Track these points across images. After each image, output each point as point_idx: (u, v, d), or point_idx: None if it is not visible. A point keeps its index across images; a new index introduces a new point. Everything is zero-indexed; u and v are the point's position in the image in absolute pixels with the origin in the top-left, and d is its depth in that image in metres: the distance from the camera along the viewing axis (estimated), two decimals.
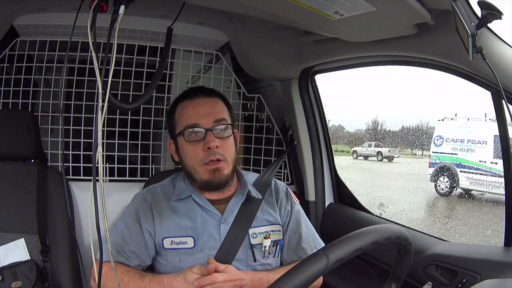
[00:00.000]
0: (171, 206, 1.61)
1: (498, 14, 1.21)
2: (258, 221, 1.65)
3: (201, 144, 1.54)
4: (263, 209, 1.69)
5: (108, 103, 1.00)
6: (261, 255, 1.63)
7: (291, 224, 1.72)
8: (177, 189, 1.66)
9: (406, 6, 1.30)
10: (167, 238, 1.57)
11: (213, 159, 1.54)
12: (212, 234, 1.58)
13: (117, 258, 1.54)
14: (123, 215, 1.65)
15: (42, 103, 2.24)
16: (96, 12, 1.03)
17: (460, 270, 1.54)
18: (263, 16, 1.66)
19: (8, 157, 1.92)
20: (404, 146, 9.17)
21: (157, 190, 1.67)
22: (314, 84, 2.35)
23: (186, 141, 1.57)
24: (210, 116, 1.57)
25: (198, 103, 1.60)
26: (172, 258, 1.57)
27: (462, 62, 1.49)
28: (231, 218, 1.62)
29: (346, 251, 0.96)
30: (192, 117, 1.57)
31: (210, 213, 1.61)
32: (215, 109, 1.60)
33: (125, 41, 2.24)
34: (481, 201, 6.23)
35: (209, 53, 2.44)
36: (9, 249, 1.77)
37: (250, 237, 1.62)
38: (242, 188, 1.66)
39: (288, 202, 1.75)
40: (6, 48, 2.12)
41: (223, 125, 1.58)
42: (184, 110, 1.61)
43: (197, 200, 1.61)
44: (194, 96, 1.62)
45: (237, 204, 1.64)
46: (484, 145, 6.27)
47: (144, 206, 1.61)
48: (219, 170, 1.55)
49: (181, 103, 1.64)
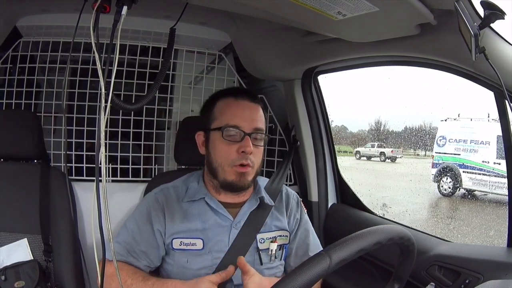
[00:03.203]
0: (183, 208, 1.60)
1: (501, 14, 1.20)
2: (267, 227, 1.66)
3: (236, 146, 1.53)
4: (272, 215, 1.69)
5: (111, 103, 1.00)
6: (268, 259, 1.63)
7: (299, 233, 1.73)
8: (190, 190, 1.65)
9: (409, 6, 1.30)
10: (177, 239, 1.56)
11: (244, 163, 1.53)
12: (222, 237, 1.58)
13: (127, 258, 1.54)
14: (134, 214, 1.64)
15: (45, 103, 2.24)
16: (99, 13, 1.03)
17: (463, 270, 1.54)
18: (265, 16, 1.66)
19: (11, 157, 1.92)
20: (407, 146, 9.17)
21: (170, 191, 1.66)
22: (317, 85, 2.34)
23: (223, 138, 1.54)
24: (252, 122, 1.56)
25: (244, 106, 1.59)
26: (179, 258, 1.57)
27: (464, 62, 1.49)
28: (241, 223, 1.62)
29: (349, 251, 0.96)
30: (236, 117, 1.55)
31: (223, 216, 1.60)
32: (257, 116, 1.59)
33: (127, 41, 2.24)
34: (484, 202, 6.23)
35: (211, 54, 2.44)
36: (12, 249, 1.77)
37: (258, 242, 1.62)
38: (256, 194, 1.66)
39: (298, 211, 1.76)
40: (9, 49, 2.12)
41: (261, 134, 1.58)
42: (228, 108, 1.59)
43: (210, 203, 1.60)
44: (240, 96, 1.60)
45: (249, 209, 1.64)
46: (487, 146, 6.27)
47: (156, 207, 1.61)
48: (245, 175, 1.55)
49: (225, 99, 1.61)
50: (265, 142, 1.62)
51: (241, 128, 1.53)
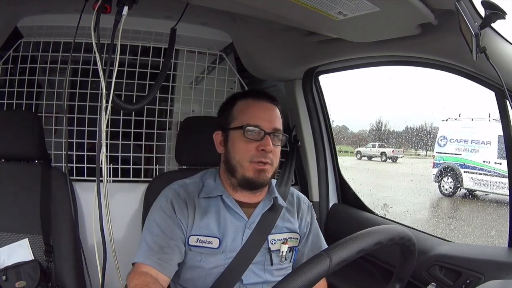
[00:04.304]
0: (201, 204, 1.60)
1: (502, 14, 1.20)
2: (278, 229, 1.66)
3: (255, 144, 1.54)
4: (284, 217, 1.69)
5: (112, 103, 1.00)
6: (278, 260, 1.64)
7: (311, 236, 1.74)
8: (206, 186, 1.65)
9: (410, 6, 1.30)
10: (194, 236, 1.56)
11: (263, 161, 1.54)
12: (236, 237, 1.58)
13: (161, 255, 1.49)
14: (155, 211, 1.59)
15: (46, 104, 2.25)
16: (100, 13, 1.03)
17: (464, 270, 1.54)
18: (266, 16, 1.66)
19: (12, 158, 1.93)
20: (408, 146, 9.15)
21: (189, 186, 1.65)
22: (318, 85, 2.35)
23: (244, 136, 1.55)
24: (272, 122, 1.58)
25: (263, 107, 1.61)
26: (192, 257, 1.55)
27: (465, 62, 1.49)
28: (255, 223, 1.62)
29: (349, 252, 0.96)
30: (256, 117, 1.57)
31: (238, 216, 1.60)
32: (276, 117, 1.61)
33: (128, 42, 2.24)
34: (485, 202, 6.22)
35: (212, 54, 2.45)
36: (13, 249, 1.78)
37: (269, 243, 1.62)
38: (270, 195, 1.67)
39: (309, 214, 1.77)
40: (10, 49, 2.13)
41: (280, 135, 1.60)
42: (248, 108, 1.60)
43: (227, 201, 1.60)
44: (259, 98, 1.63)
45: (263, 210, 1.64)
46: (488, 145, 6.26)
47: (179, 201, 1.59)
48: (264, 172, 1.56)
49: (243, 100, 1.63)
50: (282, 143, 1.64)
51: (261, 127, 1.55)
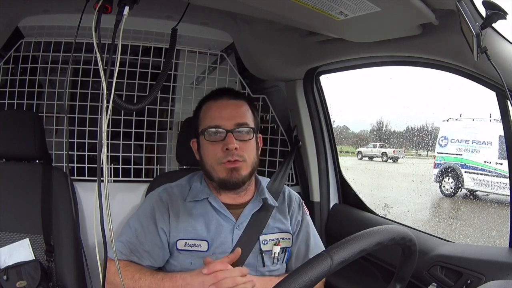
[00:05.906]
0: (186, 207, 1.61)
1: (503, 14, 1.20)
2: (269, 229, 1.66)
3: (220, 145, 1.55)
4: (275, 216, 1.69)
5: (113, 103, 1.00)
6: (270, 261, 1.64)
7: (301, 235, 1.73)
8: (193, 189, 1.66)
9: (411, 6, 1.29)
10: (181, 240, 1.57)
11: (230, 160, 1.54)
12: (226, 239, 1.59)
13: (130, 257, 1.54)
14: (137, 214, 1.65)
15: (47, 104, 2.25)
16: (101, 13, 1.03)
17: (464, 271, 1.54)
18: (267, 16, 1.66)
19: (13, 158, 1.93)
20: (408, 146, 9.13)
21: (174, 190, 1.67)
22: (319, 85, 2.34)
23: (206, 140, 1.57)
24: (233, 119, 1.57)
25: (222, 105, 1.61)
26: (183, 260, 1.57)
27: (466, 62, 1.49)
28: (244, 224, 1.62)
29: (350, 252, 0.96)
30: (215, 118, 1.58)
31: (225, 217, 1.61)
32: (238, 112, 1.60)
33: (129, 42, 2.24)
34: (486, 202, 6.20)
35: (213, 54, 2.45)
36: (14, 249, 1.78)
37: (260, 244, 1.63)
38: (259, 195, 1.67)
39: (300, 212, 1.76)
40: (11, 49, 2.13)
41: (246, 128, 1.59)
42: (208, 110, 1.61)
43: (213, 203, 1.61)
44: (219, 97, 1.63)
45: (252, 211, 1.65)
46: (489, 146, 6.24)
47: (161, 206, 1.61)
48: (236, 170, 1.56)
49: (206, 103, 1.64)
50: (254, 135, 1.63)
51: (222, 127, 1.56)
